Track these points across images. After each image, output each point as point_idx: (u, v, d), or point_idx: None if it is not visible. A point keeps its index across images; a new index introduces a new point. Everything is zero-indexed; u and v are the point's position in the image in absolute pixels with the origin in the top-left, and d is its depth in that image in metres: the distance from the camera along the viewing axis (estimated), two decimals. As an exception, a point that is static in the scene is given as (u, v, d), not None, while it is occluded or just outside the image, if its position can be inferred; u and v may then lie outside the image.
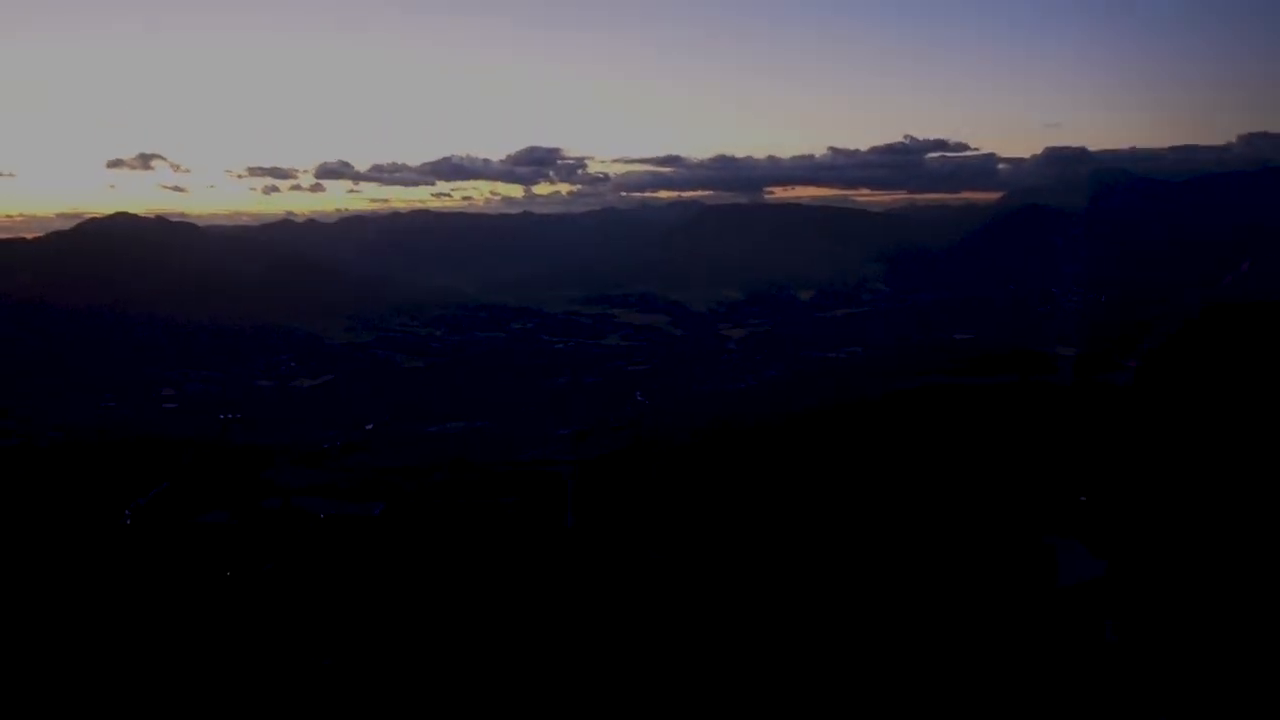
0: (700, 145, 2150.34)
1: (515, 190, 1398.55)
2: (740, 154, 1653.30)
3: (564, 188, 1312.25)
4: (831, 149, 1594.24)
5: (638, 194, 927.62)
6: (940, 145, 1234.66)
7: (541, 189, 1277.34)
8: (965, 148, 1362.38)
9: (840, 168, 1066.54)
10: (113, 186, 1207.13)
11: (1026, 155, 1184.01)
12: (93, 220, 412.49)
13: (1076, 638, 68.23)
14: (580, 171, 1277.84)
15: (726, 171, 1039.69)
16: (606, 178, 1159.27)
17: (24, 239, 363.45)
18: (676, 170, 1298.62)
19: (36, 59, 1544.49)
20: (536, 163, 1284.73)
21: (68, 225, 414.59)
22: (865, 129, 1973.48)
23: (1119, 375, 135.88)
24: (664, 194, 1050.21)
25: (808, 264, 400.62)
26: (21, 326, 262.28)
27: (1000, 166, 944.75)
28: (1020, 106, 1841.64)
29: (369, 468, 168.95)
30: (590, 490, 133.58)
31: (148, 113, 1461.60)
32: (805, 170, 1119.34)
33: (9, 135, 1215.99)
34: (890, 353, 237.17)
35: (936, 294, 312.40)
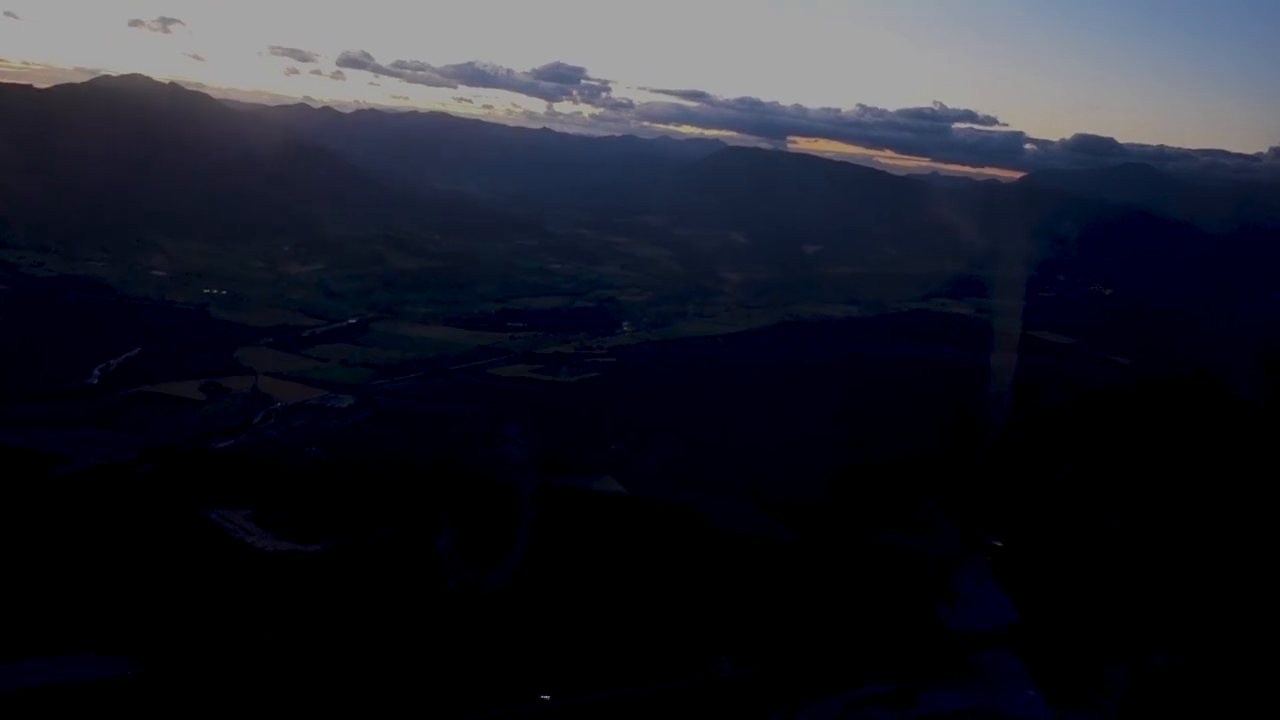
0: (728, 84, 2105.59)
1: (537, 105, 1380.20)
2: (767, 98, 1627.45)
3: (586, 109, 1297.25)
4: (860, 105, 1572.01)
5: (660, 125, 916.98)
6: (969, 116, 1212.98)
7: (563, 107, 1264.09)
8: (993, 121, 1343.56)
9: (867, 125, 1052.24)
10: (131, 47, 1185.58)
11: (1054, 138, 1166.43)
12: (105, 78, 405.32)
13: None
14: (604, 95, 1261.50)
15: (751, 114, 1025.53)
16: (630, 104, 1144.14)
17: (32, 86, 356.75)
18: (701, 106, 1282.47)
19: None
20: (560, 79, 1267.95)
21: (82, 79, 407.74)
22: (896, 89, 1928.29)
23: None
24: (686, 128, 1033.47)
25: (821, 218, 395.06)
26: (20, 176, 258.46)
27: (1027, 146, 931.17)
28: (1052, 88, 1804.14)
29: (342, 360, 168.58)
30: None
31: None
32: (831, 123, 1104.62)
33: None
34: (899, 318, 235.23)
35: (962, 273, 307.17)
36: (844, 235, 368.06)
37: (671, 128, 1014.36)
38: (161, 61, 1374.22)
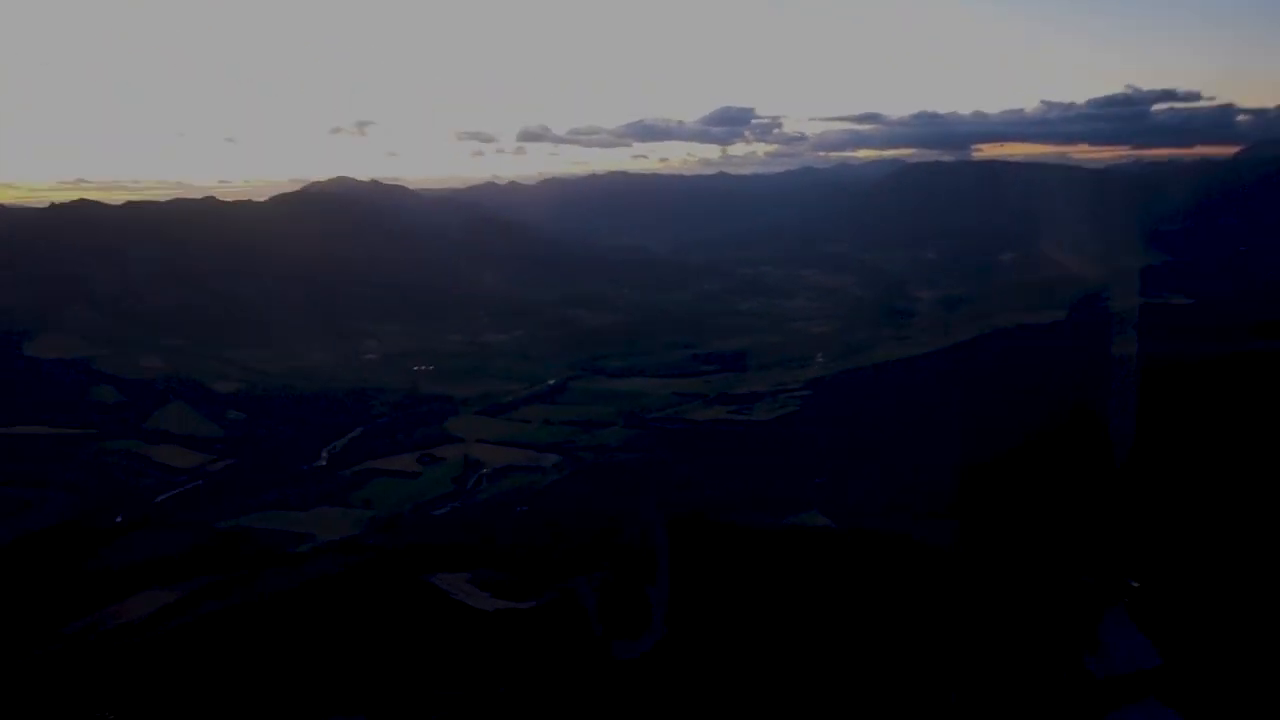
0: (901, 101, 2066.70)
1: (712, 151, 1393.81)
2: (944, 109, 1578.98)
3: (760, 148, 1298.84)
4: (1045, 102, 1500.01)
5: (836, 153, 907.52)
6: (1168, 95, 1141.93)
7: (737, 149, 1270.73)
8: (1197, 97, 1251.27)
9: (1054, 122, 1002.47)
10: (335, 153, 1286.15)
11: (1271, 105, 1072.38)
12: (315, 184, 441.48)
13: None
14: (776, 131, 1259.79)
15: (929, 128, 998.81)
16: (803, 137, 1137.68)
17: (252, 201, 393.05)
18: (876, 128, 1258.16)
19: (267, 35, 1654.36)
20: (730, 122, 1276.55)
21: (295, 188, 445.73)
22: (1082, 80, 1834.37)
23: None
24: (863, 153, 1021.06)
25: (1014, 224, 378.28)
26: (247, 281, 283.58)
27: (1240, 118, 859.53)
28: (1261, 51, 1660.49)
29: (544, 420, 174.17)
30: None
31: (365, 82, 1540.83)
32: (1015, 125, 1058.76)
33: (246, 107, 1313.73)
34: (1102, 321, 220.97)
35: (1167, 260, 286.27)
36: (1041, 238, 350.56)
37: (848, 154, 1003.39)
38: (362, 161, 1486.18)
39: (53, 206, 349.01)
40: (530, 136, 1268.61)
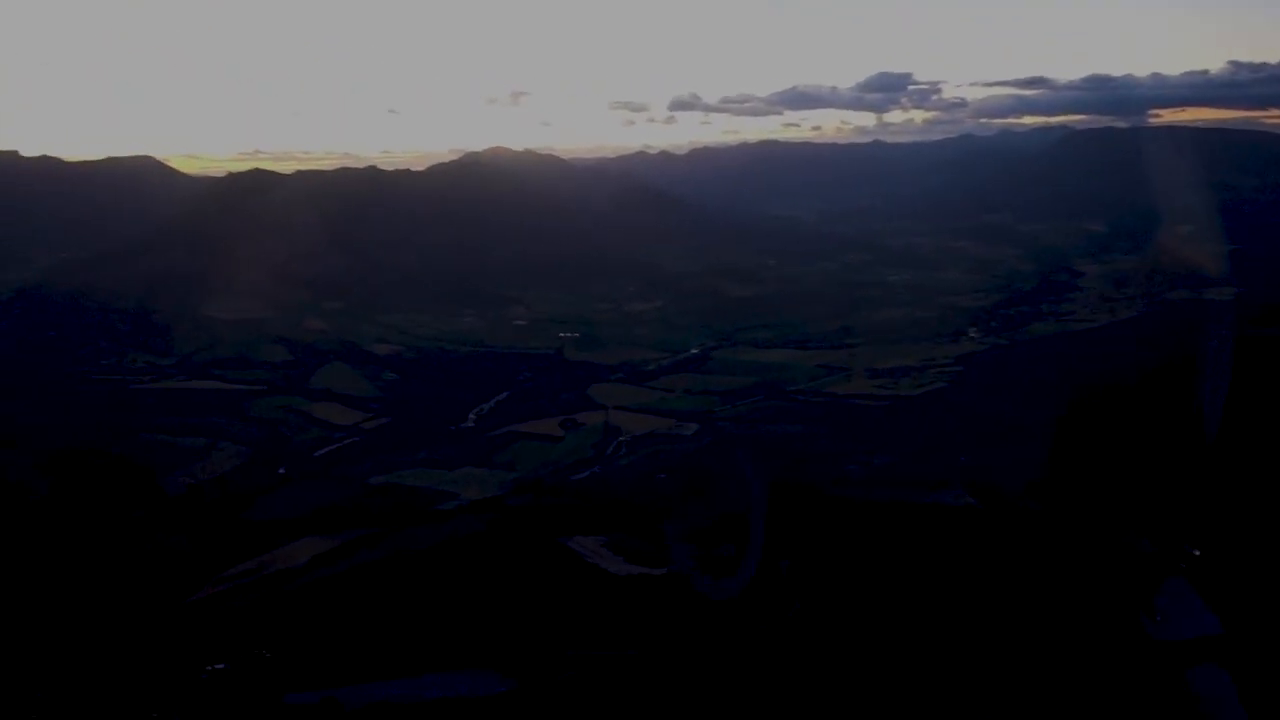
0: (1070, 64, 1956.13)
1: (866, 118, 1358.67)
2: (1117, 72, 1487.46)
3: (918, 115, 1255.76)
4: (1232, 63, 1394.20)
5: (998, 120, 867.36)
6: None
7: (893, 116, 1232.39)
8: None
9: (1243, 85, 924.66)
10: (491, 123, 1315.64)
11: None
12: (471, 154, 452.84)
13: None
14: (934, 97, 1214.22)
15: (1101, 92, 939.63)
16: (964, 103, 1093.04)
17: (411, 170, 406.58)
18: (1042, 93, 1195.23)
19: (428, 8, 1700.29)
20: (887, 89, 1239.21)
21: (452, 158, 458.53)
22: (1276, 39, 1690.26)
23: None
24: (1028, 119, 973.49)
25: (1192, 195, 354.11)
26: (405, 248, 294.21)
27: None
28: None
29: (685, 389, 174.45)
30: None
31: (521, 52, 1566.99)
32: (1198, 89, 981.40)
33: (407, 78, 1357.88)
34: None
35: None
36: (1222, 211, 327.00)
37: (1011, 121, 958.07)
38: (516, 131, 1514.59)
39: (230, 176, 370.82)
40: (681, 105, 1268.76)
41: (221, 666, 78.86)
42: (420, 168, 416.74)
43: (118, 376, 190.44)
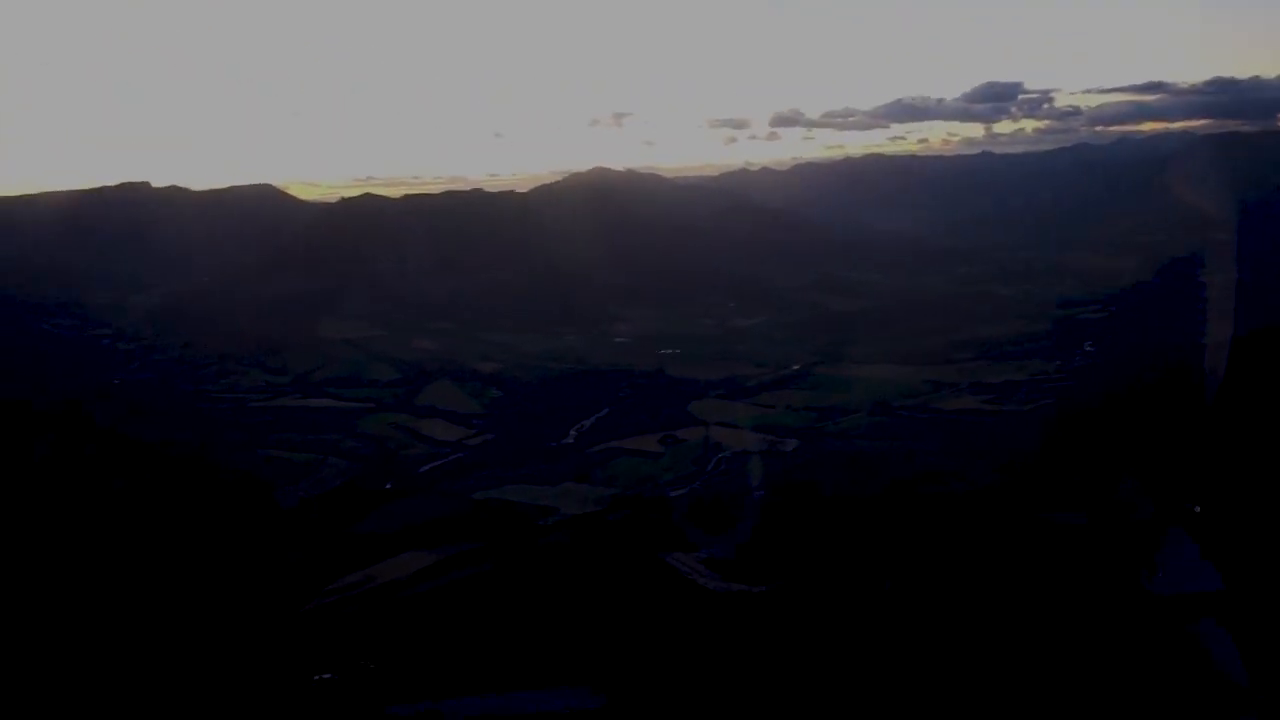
0: (1192, 67, 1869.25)
1: (975, 130, 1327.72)
2: (1244, 74, 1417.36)
3: (1029, 124, 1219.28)
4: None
5: (1115, 127, 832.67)
6: None
7: (1003, 127, 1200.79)
8: None
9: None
10: (594, 144, 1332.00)
11: None
12: (574, 175, 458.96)
13: None
14: (1046, 106, 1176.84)
15: (1226, 95, 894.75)
16: (1078, 111, 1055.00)
17: (515, 192, 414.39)
18: (1162, 98, 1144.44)
19: (532, 33, 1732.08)
20: (996, 99, 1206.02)
21: (555, 179, 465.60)
22: None
23: None
24: (1147, 126, 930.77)
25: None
26: (509, 268, 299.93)
27: None
28: None
29: (787, 405, 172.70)
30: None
31: (623, 73, 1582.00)
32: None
33: (512, 102, 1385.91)
34: None
35: None
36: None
37: (1129, 128, 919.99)
38: (619, 151, 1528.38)
39: (342, 201, 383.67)
40: (783, 121, 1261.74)
41: (328, 676, 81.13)
42: (524, 189, 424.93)
43: (238, 394, 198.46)
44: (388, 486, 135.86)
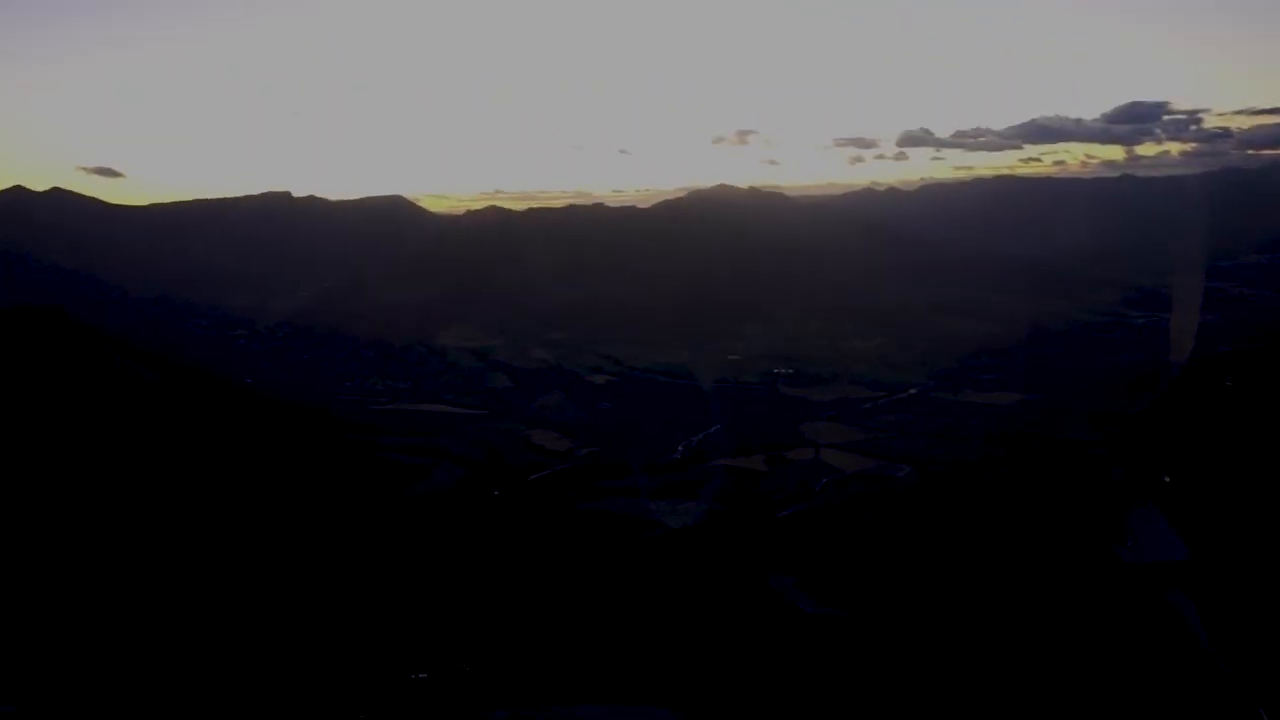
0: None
1: (1114, 152, 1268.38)
2: None
3: (1174, 146, 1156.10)
4: None
5: (1268, 151, 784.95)
6: None
7: (1146, 149, 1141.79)
8: None
9: None
10: (717, 162, 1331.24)
11: None
12: (696, 191, 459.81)
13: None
14: (1194, 128, 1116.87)
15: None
16: (1228, 133, 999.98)
17: (636, 208, 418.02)
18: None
19: (656, 49, 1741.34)
20: (1139, 119, 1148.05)
21: (677, 196, 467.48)
22: None
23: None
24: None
25: None
26: (626, 282, 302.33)
27: None
28: None
29: (900, 429, 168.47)
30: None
31: (748, 91, 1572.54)
32: None
33: (637, 120, 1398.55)
34: None
35: None
36: None
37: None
38: (742, 169, 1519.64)
39: (467, 213, 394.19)
40: (911, 141, 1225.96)
41: (423, 676, 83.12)
42: (646, 205, 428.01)
43: (360, 398, 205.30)
44: (495, 494, 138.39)
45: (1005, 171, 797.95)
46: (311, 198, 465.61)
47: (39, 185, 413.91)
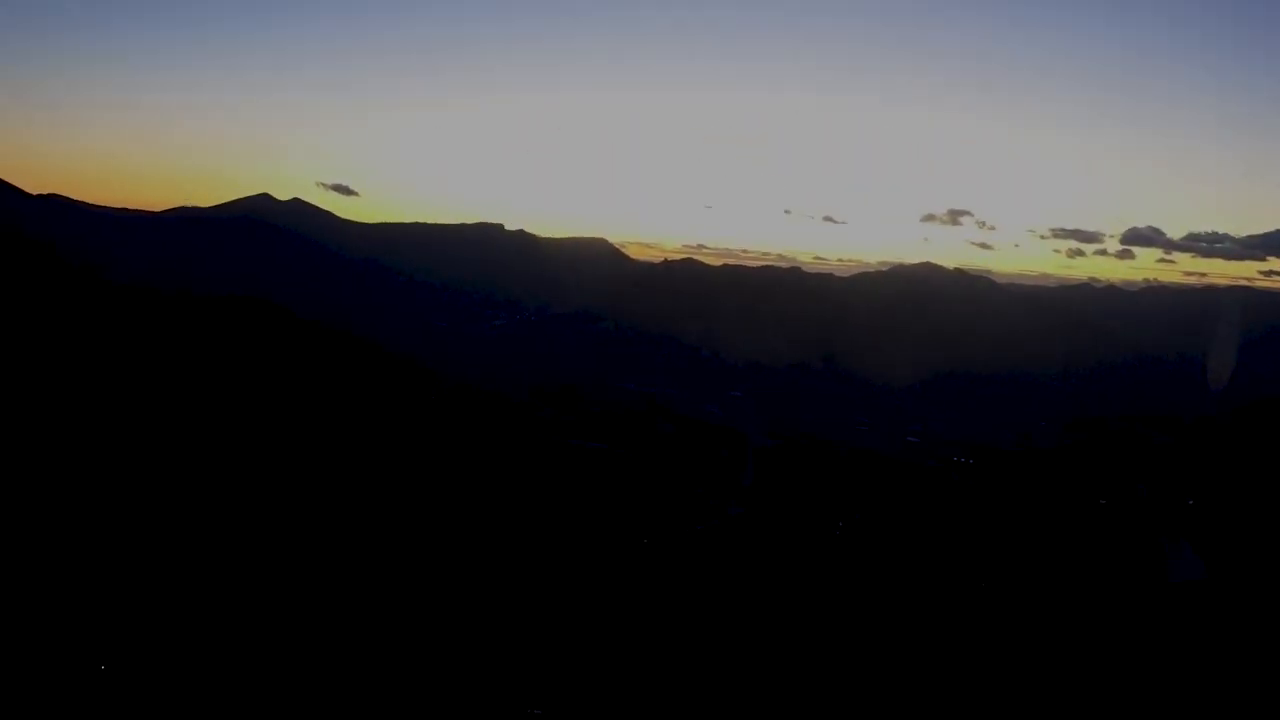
0: None
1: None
2: None
3: None
4: None
5: None
6: None
7: None
8: None
9: None
10: (925, 239, 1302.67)
11: None
12: (900, 266, 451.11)
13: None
14: None
15: None
16: None
17: (833, 275, 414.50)
18: None
19: (866, 123, 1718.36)
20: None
21: (882, 270, 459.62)
22: None
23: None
24: None
25: None
26: (811, 348, 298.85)
27: None
28: None
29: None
30: None
31: (965, 171, 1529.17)
32: None
33: (849, 190, 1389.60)
34: None
35: None
36: None
37: None
38: (950, 250, 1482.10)
39: (664, 263, 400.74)
40: (1138, 239, 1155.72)
41: (539, 713, 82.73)
42: (845, 274, 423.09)
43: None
44: (644, 541, 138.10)
45: (1242, 282, 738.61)
46: (521, 232, 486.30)
47: (282, 194, 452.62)
